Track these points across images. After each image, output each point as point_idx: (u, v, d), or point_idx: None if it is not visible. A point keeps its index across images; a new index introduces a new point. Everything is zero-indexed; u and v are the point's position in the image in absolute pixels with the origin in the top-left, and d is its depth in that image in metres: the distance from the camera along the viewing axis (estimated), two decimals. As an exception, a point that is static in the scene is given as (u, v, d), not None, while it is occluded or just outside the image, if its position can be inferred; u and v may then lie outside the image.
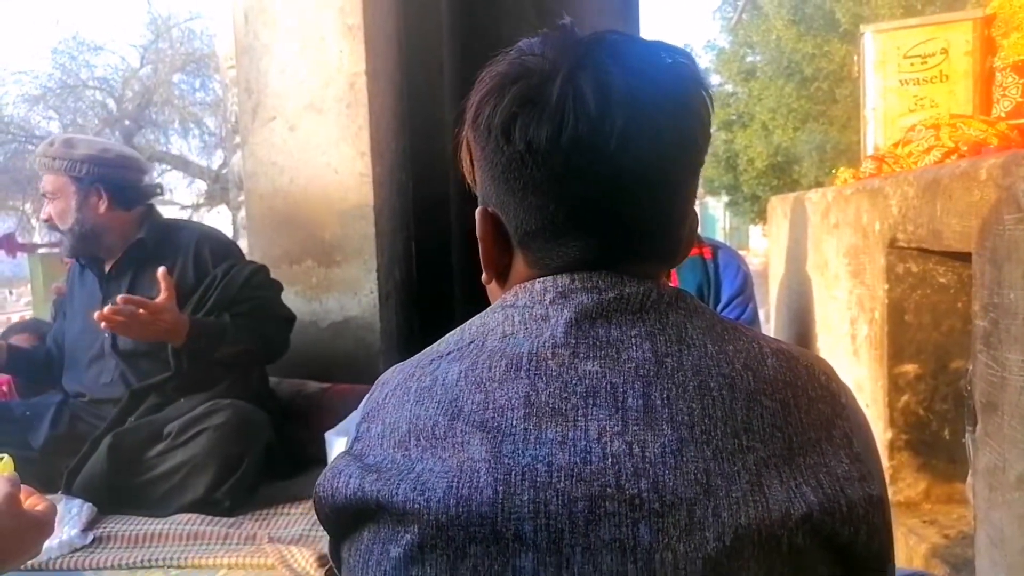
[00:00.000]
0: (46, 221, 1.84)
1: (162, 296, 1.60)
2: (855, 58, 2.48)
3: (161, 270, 1.63)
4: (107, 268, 1.86)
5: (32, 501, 0.86)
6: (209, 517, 1.53)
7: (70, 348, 1.88)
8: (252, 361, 1.84)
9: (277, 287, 1.89)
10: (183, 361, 1.68)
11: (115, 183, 1.81)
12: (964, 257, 1.31)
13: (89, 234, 1.80)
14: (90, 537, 1.46)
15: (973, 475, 1.30)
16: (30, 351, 1.97)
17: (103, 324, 1.55)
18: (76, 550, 1.43)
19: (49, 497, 1.14)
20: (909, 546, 1.59)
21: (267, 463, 1.68)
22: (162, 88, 14.23)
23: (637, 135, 0.56)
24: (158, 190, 1.97)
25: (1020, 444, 1.05)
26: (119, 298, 1.57)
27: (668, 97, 0.57)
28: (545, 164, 0.57)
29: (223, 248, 1.87)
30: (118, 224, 1.83)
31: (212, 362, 1.70)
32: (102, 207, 1.80)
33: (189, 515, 1.54)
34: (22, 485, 0.85)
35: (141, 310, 1.56)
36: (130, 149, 2.05)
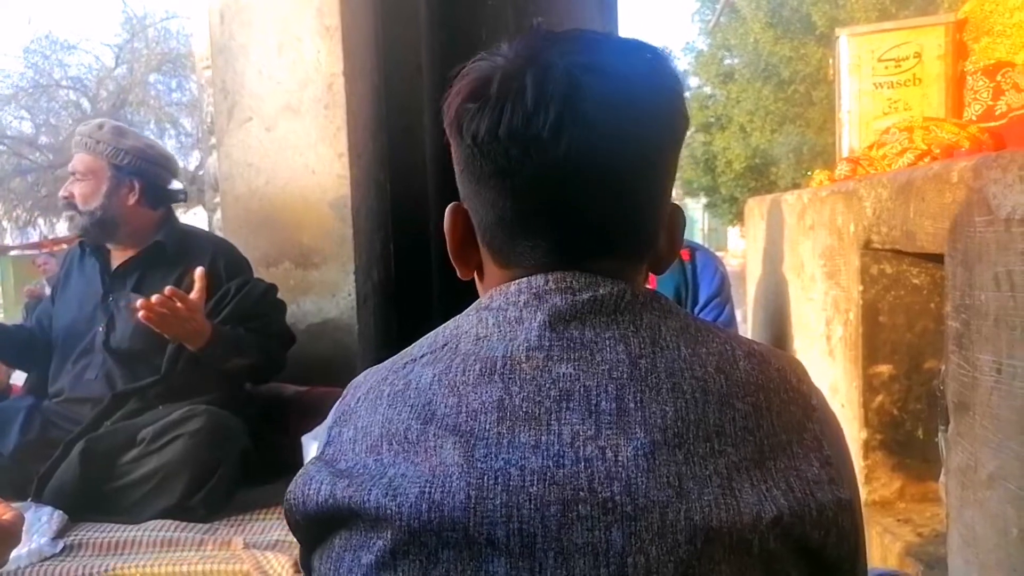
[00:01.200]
0: (66, 198, 1.83)
1: (196, 294, 1.62)
2: (831, 61, 2.51)
3: (199, 270, 1.65)
4: (115, 264, 1.85)
5: (2, 510, 0.85)
6: (183, 523, 1.51)
7: (58, 338, 1.85)
8: (252, 377, 1.85)
9: (283, 307, 1.91)
10: (179, 365, 1.68)
11: (150, 180, 1.84)
12: (937, 258, 1.33)
13: (109, 222, 1.80)
14: (60, 545, 1.44)
15: (946, 474, 1.31)
16: (11, 329, 1.93)
17: (140, 314, 1.54)
18: (46, 559, 1.40)
19: (19, 504, 1.12)
20: (884, 545, 1.61)
21: (243, 468, 1.66)
22: (137, 88, 14.07)
23: (571, 127, 0.55)
24: (182, 196, 1.99)
25: (991, 443, 1.06)
26: (167, 289, 1.56)
27: (618, 91, 0.56)
28: (488, 157, 0.57)
29: (237, 262, 1.89)
30: (139, 220, 1.84)
31: (211, 372, 1.70)
32: (131, 199, 1.82)
33: (163, 521, 1.51)
34: None
35: (180, 304, 1.56)
36: (169, 151, 2.05)
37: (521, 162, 0.56)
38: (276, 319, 1.86)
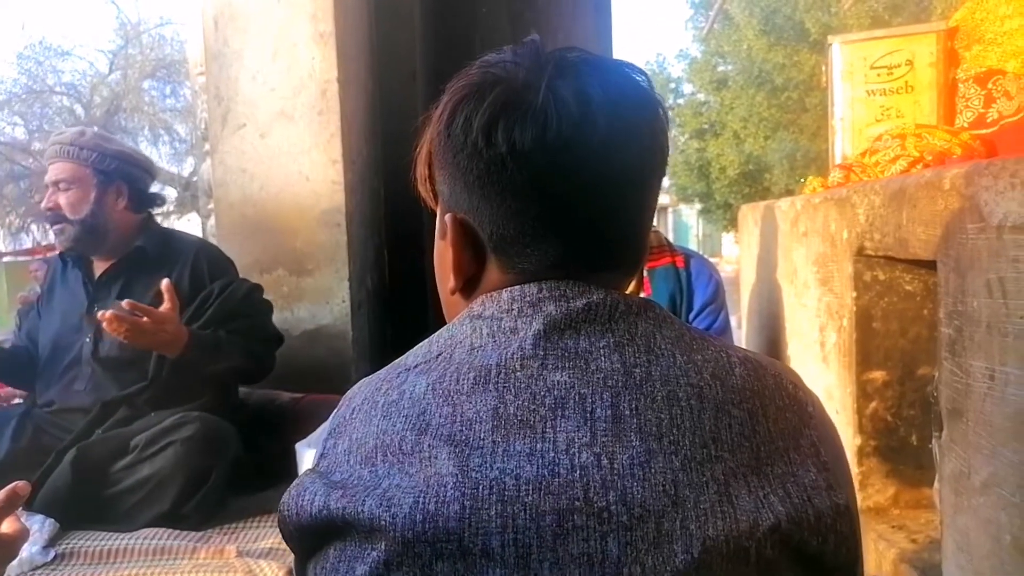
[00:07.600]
0: (50, 210, 1.79)
1: (166, 306, 1.60)
2: (824, 68, 2.52)
3: (165, 282, 1.63)
4: (97, 272, 1.83)
5: (9, 523, 0.82)
6: (176, 531, 1.50)
7: (44, 351, 1.83)
8: (239, 379, 1.84)
9: (269, 307, 1.89)
10: (164, 371, 1.66)
11: (136, 183, 1.84)
12: (930, 265, 1.33)
13: (99, 228, 1.79)
14: (52, 554, 1.42)
15: (940, 480, 1.32)
16: (12, 350, 1.91)
17: (105, 326, 1.53)
18: (37, 568, 1.39)
19: (8, 513, 1.11)
20: (878, 551, 1.61)
21: (236, 475, 1.65)
22: (131, 94, 14.04)
23: (617, 140, 0.57)
24: (163, 200, 2.00)
25: (984, 450, 1.06)
26: (125, 303, 1.55)
27: (641, 107, 0.60)
28: (527, 166, 0.57)
29: (220, 263, 1.87)
30: (124, 225, 1.82)
31: (198, 377, 1.68)
32: (120, 204, 1.81)
33: (156, 529, 1.50)
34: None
35: (146, 318, 1.55)
36: (147, 156, 2.07)
37: (565, 169, 0.57)
38: (261, 319, 1.84)
